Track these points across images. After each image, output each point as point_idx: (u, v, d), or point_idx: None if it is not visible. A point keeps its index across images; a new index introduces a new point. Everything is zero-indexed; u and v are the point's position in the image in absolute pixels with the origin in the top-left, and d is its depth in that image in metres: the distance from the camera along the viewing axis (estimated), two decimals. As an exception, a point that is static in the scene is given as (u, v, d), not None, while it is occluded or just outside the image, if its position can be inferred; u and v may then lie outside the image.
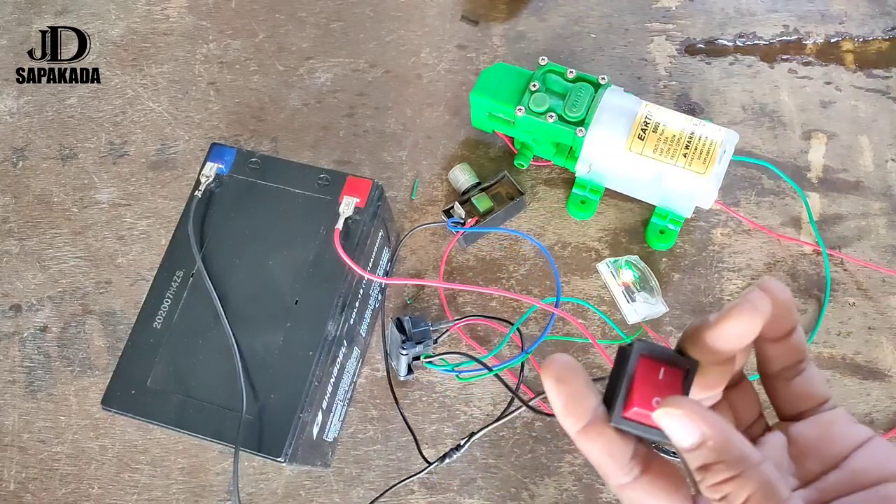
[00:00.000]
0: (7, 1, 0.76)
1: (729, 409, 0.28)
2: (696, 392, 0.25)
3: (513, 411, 0.57)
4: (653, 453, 0.25)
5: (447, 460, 0.55)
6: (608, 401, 0.24)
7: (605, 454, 0.24)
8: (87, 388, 0.61)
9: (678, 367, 0.24)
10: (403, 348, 0.55)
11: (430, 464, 0.55)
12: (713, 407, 0.27)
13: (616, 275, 0.58)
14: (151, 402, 0.47)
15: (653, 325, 0.59)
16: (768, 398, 0.29)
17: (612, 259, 0.60)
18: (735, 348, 0.24)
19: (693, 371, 0.24)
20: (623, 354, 0.25)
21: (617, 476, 0.24)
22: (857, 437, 0.26)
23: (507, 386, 0.56)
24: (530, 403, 0.56)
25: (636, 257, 0.60)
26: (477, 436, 0.55)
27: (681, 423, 0.22)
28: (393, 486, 0.55)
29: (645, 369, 0.24)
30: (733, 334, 0.23)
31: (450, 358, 0.58)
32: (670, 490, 0.24)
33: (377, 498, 0.55)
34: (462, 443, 0.55)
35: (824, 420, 0.27)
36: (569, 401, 0.24)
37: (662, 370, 0.24)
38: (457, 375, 0.58)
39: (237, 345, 0.47)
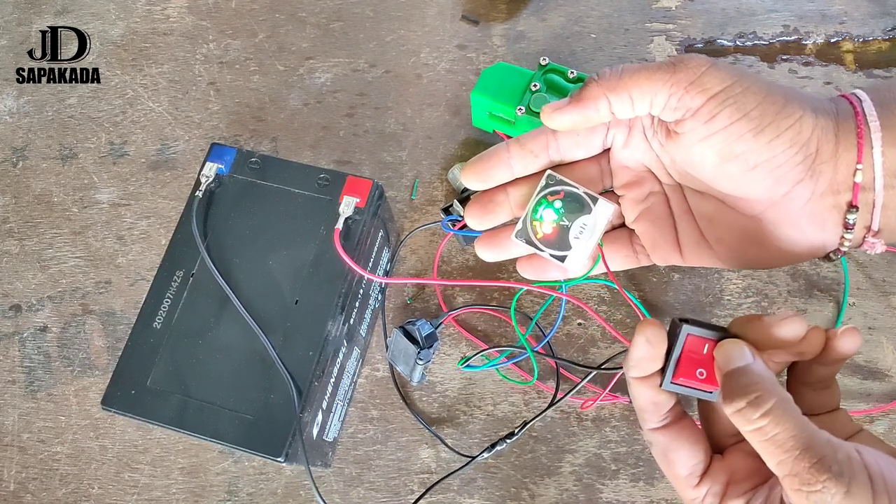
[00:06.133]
0: (7, 1, 0.76)
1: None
2: None
3: (561, 397, 0.57)
4: (685, 413, 0.32)
5: (498, 447, 0.54)
6: (663, 367, 0.31)
7: (651, 402, 0.31)
8: (87, 388, 0.61)
9: None
10: (420, 358, 0.55)
11: (473, 457, 0.55)
12: None
13: (531, 232, 0.35)
14: (151, 402, 0.47)
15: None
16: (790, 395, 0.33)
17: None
18: (785, 341, 0.30)
19: None
20: (673, 329, 0.31)
21: (653, 420, 0.32)
22: (850, 430, 0.32)
23: (556, 357, 0.56)
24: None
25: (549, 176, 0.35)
26: (533, 421, 0.56)
27: (729, 351, 0.29)
28: (435, 485, 0.55)
29: (691, 346, 0.31)
30: (790, 331, 0.30)
31: (482, 354, 0.58)
32: (692, 441, 0.31)
33: (417, 500, 0.55)
34: (516, 430, 0.54)
35: (826, 417, 0.32)
36: (645, 358, 0.31)
37: (707, 346, 0.31)
38: (497, 370, 0.58)
39: (263, 332, 0.48)
